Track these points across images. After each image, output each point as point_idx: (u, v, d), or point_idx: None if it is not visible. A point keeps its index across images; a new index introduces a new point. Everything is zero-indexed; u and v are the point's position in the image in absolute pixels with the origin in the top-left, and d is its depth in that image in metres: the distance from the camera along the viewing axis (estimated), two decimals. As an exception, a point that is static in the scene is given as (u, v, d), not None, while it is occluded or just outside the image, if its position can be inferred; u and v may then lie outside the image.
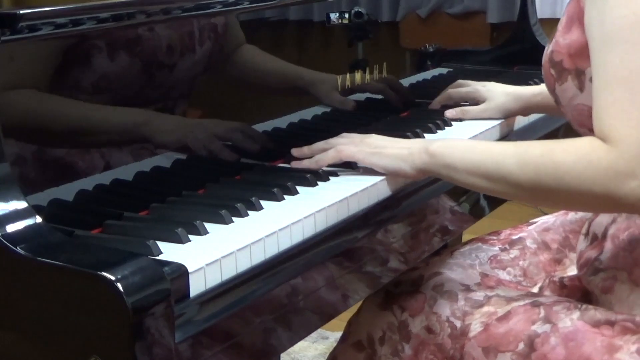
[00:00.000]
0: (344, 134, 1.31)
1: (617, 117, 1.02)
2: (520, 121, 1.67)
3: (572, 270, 1.35)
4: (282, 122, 1.42)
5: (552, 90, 1.19)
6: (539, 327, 1.14)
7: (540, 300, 1.19)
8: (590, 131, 1.08)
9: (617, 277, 1.16)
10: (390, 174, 1.25)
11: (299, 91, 1.47)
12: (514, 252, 1.41)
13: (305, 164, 1.28)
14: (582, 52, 1.11)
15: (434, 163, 1.19)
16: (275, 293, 1.01)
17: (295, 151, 1.32)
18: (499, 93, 1.61)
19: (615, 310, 1.16)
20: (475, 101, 1.63)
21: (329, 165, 1.27)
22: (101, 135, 1.14)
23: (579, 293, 1.25)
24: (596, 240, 1.21)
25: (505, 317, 1.18)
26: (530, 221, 1.52)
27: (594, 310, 1.15)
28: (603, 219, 1.22)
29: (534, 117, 1.72)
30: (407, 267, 1.27)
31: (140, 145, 1.17)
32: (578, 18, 1.13)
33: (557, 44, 1.16)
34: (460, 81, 1.68)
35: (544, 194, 1.09)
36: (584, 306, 1.16)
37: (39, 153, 1.06)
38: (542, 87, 1.57)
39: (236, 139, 1.31)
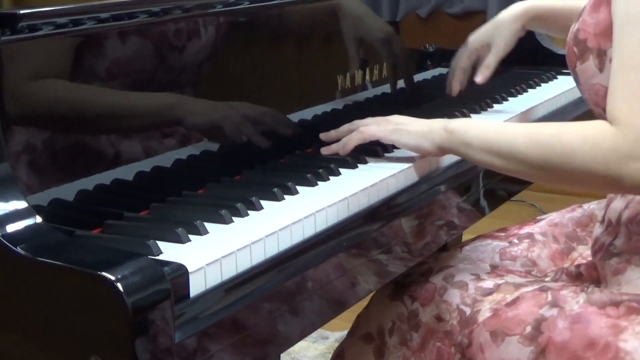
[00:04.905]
0: (368, 118, 1.36)
1: (627, 100, 1.05)
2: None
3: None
4: (282, 122, 1.41)
5: (572, 68, 1.21)
6: (546, 311, 1.16)
7: (548, 285, 1.21)
8: (604, 112, 1.10)
9: (631, 261, 1.19)
10: (411, 150, 1.31)
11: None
12: (523, 245, 1.44)
13: (333, 148, 1.34)
14: (607, 32, 1.12)
15: (452, 140, 1.24)
16: (275, 293, 1.01)
17: (323, 135, 1.38)
18: (497, 31, 1.62)
19: (622, 290, 1.17)
20: (481, 56, 1.64)
21: (331, 162, 1.30)
22: (130, 120, 1.16)
23: (592, 281, 1.26)
24: (611, 226, 1.23)
25: (514, 302, 1.20)
26: (538, 218, 1.54)
27: (600, 292, 1.17)
28: (617, 205, 1.23)
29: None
30: (406, 267, 1.27)
31: (170, 129, 1.20)
32: None
33: (584, 22, 1.17)
34: (454, 58, 1.66)
35: (551, 173, 1.13)
36: (590, 288, 1.18)
37: (40, 152, 1.06)
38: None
39: (267, 123, 1.35)
